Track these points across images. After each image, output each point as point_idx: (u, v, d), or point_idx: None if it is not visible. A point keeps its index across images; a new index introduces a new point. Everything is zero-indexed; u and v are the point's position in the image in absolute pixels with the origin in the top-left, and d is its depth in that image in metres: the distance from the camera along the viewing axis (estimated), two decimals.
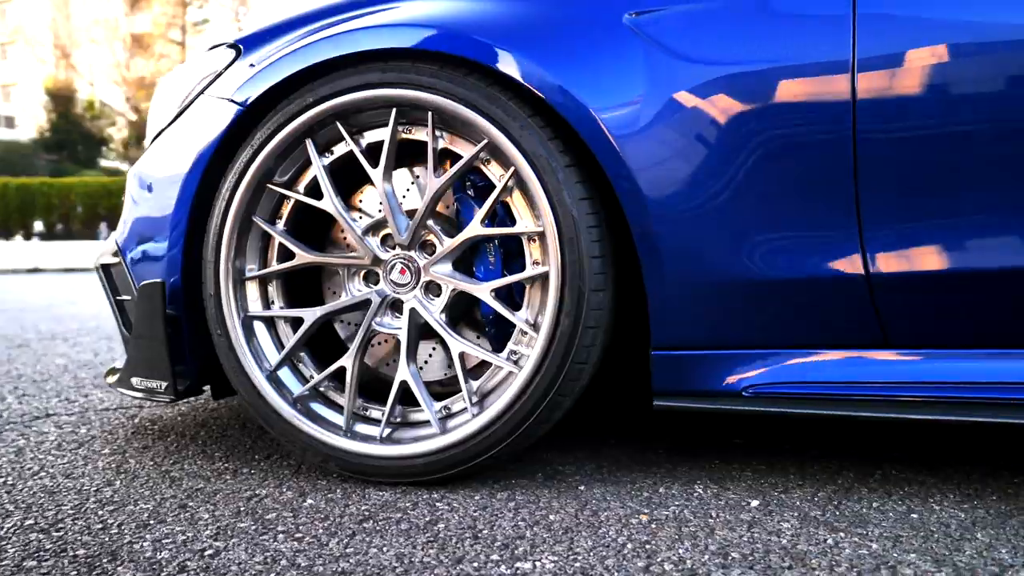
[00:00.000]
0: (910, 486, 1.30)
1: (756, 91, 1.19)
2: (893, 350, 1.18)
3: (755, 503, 1.23)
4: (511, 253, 1.40)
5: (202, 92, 1.51)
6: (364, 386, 1.43)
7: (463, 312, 1.46)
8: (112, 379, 1.61)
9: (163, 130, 1.56)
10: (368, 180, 1.45)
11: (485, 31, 1.28)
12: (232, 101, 1.41)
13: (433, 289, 1.39)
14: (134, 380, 1.54)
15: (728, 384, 1.25)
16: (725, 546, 1.05)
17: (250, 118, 1.41)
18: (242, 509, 1.24)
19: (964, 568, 0.98)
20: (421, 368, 1.48)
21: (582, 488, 1.32)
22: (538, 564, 1.01)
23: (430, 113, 1.31)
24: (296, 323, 1.44)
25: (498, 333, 1.41)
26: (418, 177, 1.47)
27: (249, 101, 1.39)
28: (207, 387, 1.55)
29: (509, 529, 1.13)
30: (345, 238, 1.51)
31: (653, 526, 1.14)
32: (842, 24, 1.15)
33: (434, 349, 1.49)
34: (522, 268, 1.34)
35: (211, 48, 1.60)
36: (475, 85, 1.27)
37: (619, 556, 1.03)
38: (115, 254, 1.61)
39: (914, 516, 1.16)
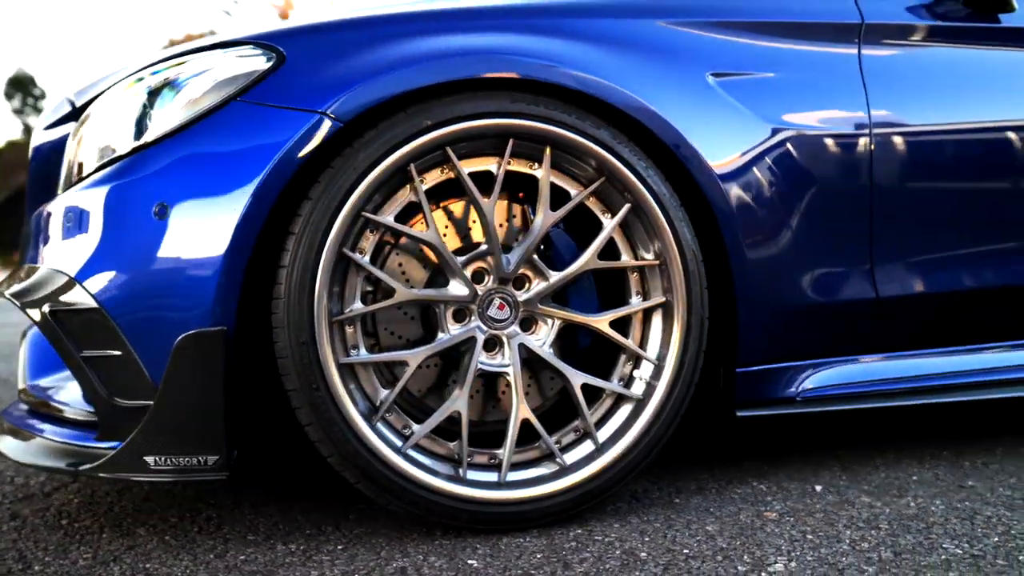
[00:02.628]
0: (932, 460, 1.68)
1: (806, 148, 1.45)
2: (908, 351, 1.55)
3: (819, 488, 1.48)
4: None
5: (234, 98, 1.25)
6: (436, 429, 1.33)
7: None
8: (90, 464, 1.21)
9: (155, 142, 1.25)
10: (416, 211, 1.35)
11: (612, 77, 1.32)
12: (314, 112, 1.21)
13: (526, 324, 1.36)
14: (149, 460, 1.19)
15: (788, 392, 1.48)
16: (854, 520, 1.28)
17: (343, 136, 1.22)
18: None
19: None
20: (494, 406, 1.42)
21: (677, 501, 1.43)
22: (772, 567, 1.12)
23: (548, 147, 1.31)
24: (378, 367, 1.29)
25: (586, 367, 1.42)
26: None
27: (349, 117, 1.21)
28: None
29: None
30: (404, 272, 1.38)
31: (792, 518, 1.31)
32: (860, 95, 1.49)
33: (507, 386, 1.44)
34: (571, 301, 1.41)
35: (218, 47, 1.32)
36: (599, 124, 1.31)
37: (804, 544, 1.18)
38: (72, 295, 1.23)
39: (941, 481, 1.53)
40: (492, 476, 1.30)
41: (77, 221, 1.27)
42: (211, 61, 1.30)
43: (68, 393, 1.44)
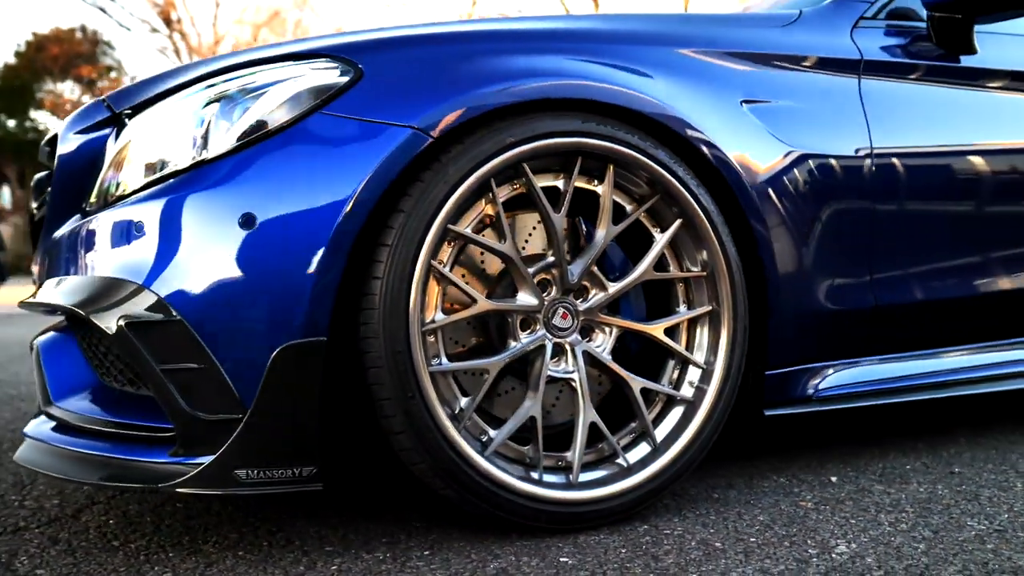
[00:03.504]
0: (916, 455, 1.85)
1: (821, 170, 1.60)
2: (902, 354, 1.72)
3: (835, 479, 1.62)
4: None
5: (317, 109, 1.26)
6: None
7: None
8: (173, 481, 1.17)
9: (234, 151, 1.24)
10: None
11: (672, 106, 1.42)
12: (407, 127, 1.23)
13: (584, 332, 1.43)
14: (240, 473, 1.18)
15: (807, 392, 1.62)
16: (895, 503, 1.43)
17: (430, 150, 1.25)
18: None
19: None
20: (548, 412, 1.48)
21: (716, 496, 1.53)
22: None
23: (611, 165, 1.39)
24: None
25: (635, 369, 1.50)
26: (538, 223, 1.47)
27: (440, 132, 1.24)
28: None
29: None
30: (467, 283, 1.41)
31: (827, 507, 1.44)
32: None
33: (561, 392, 1.50)
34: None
35: (290, 58, 1.33)
36: (657, 145, 1.40)
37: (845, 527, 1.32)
38: (154, 308, 1.20)
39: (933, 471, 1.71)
40: (561, 478, 1.36)
41: (149, 230, 1.23)
42: (286, 72, 1.30)
43: (110, 407, 1.39)
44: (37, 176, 1.96)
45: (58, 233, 1.46)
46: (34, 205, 1.85)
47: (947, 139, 1.78)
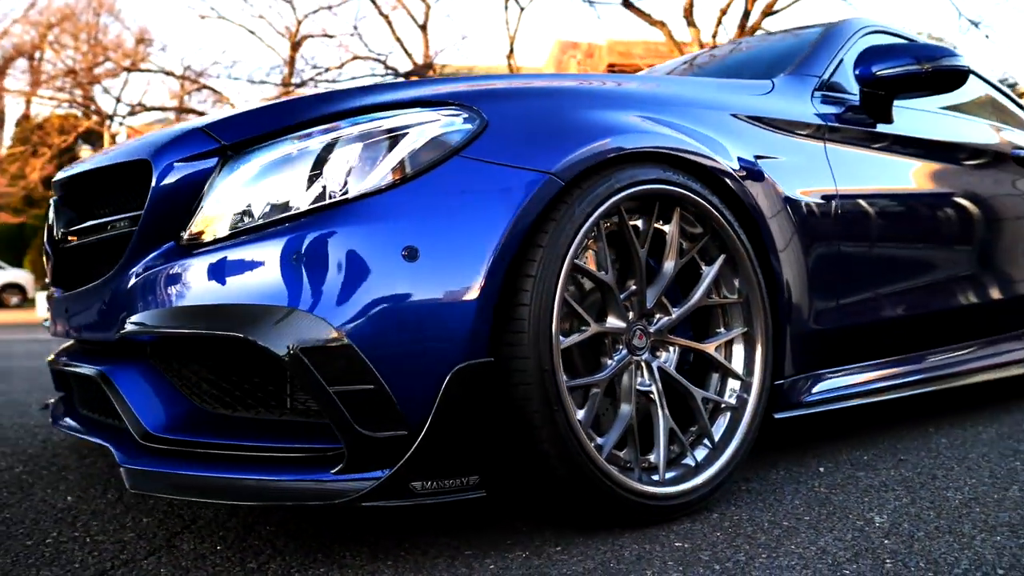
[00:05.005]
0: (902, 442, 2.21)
1: (810, 212, 1.95)
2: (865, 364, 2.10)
3: (849, 466, 1.96)
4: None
5: (455, 153, 1.40)
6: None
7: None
8: (350, 497, 1.24)
9: (387, 188, 1.35)
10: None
11: (720, 159, 1.70)
12: (544, 173, 1.41)
13: (653, 350, 1.66)
14: (416, 485, 1.28)
15: (799, 398, 1.95)
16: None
17: (560, 193, 1.43)
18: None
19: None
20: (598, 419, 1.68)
21: (754, 486, 1.80)
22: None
23: (678, 208, 1.63)
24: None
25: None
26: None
27: (568, 177, 1.42)
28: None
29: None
30: None
31: (839, 492, 1.75)
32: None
33: (612, 403, 1.70)
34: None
35: (418, 104, 1.45)
36: (713, 192, 1.67)
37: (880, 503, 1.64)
38: (323, 334, 1.27)
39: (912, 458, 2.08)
40: (655, 477, 1.56)
41: (311, 260, 1.30)
42: (420, 117, 1.43)
43: (224, 434, 1.41)
44: (54, 200, 1.88)
45: (166, 261, 1.44)
46: (62, 229, 1.77)
47: (880, 190, 2.22)
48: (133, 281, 1.49)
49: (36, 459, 2.24)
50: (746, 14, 16.11)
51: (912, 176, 2.33)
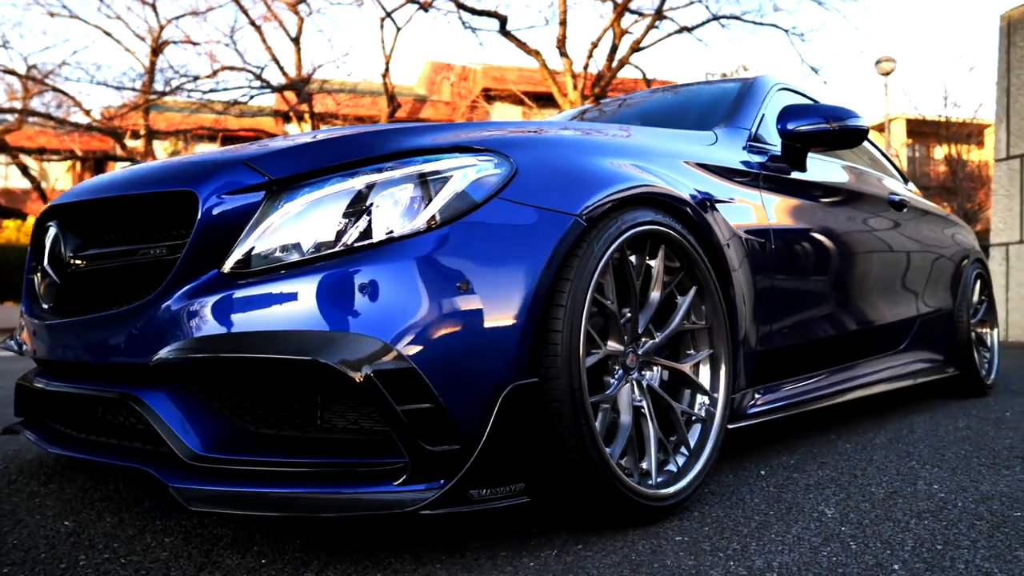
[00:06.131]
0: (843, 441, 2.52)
1: (755, 249, 2.26)
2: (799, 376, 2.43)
3: (823, 461, 2.25)
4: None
5: (495, 195, 1.57)
6: None
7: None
8: (416, 506, 1.37)
9: (440, 225, 1.50)
10: None
11: (687, 206, 1.96)
12: (571, 215, 1.60)
13: (640, 369, 1.88)
14: (473, 493, 1.43)
15: (751, 410, 2.24)
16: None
17: (583, 232, 1.63)
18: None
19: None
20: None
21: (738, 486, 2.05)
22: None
23: (663, 245, 1.88)
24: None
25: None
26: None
27: (590, 218, 1.63)
28: None
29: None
30: None
31: (817, 482, 2.04)
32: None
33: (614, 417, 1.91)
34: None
35: (456, 151, 1.61)
36: (689, 231, 1.93)
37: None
38: (389, 357, 1.40)
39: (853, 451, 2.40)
40: (649, 481, 1.78)
41: (379, 289, 1.43)
42: (460, 161, 1.59)
43: (275, 452, 1.49)
44: (52, 224, 1.86)
45: (212, 290, 1.50)
46: (70, 254, 1.77)
47: (803, 228, 2.58)
48: (177, 307, 1.54)
49: None
50: (614, 48, 17.05)
51: (824, 216, 2.71)
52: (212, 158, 1.68)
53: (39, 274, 1.91)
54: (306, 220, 1.52)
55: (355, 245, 1.49)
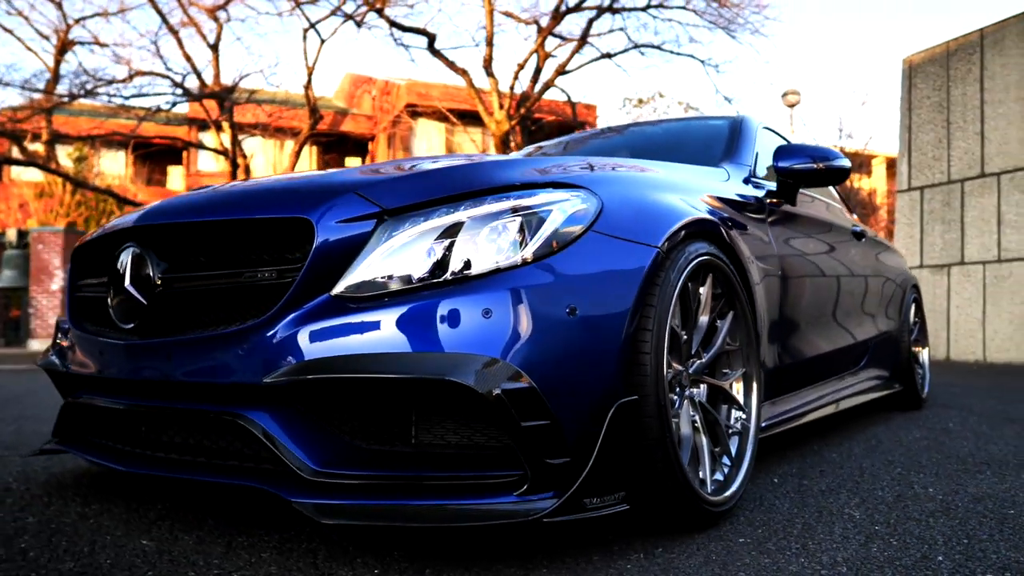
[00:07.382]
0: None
1: (768, 274, 2.49)
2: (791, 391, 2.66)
3: (821, 469, 2.46)
4: None
5: (589, 229, 1.71)
6: None
7: None
8: (539, 515, 1.49)
9: (547, 255, 1.63)
10: None
11: (727, 238, 2.16)
12: (653, 247, 1.77)
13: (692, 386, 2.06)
14: (587, 501, 1.56)
15: (762, 423, 2.45)
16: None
17: (662, 262, 1.79)
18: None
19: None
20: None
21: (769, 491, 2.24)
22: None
23: (711, 273, 2.06)
24: None
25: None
26: None
27: (667, 248, 1.79)
28: None
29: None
30: None
31: (833, 489, 2.26)
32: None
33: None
34: None
35: (550, 186, 1.74)
36: (730, 262, 2.13)
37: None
38: (514, 378, 1.52)
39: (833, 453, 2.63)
40: (705, 488, 1.95)
41: (498, 315, 1.54)
42: (557, 196, 1.72)
43: (387, 467, 1.58)
44: (129, 244, 1.88)
45: (328, 313, 1.57)
46: (159, 276, 1.80)
47: (800, 256, 2.83)
48: (290, 329, 1.60)
49: (35, 505, 2.11)
50: (538, 70, 17.45)
51: (814, 246, 2.99)
52: (322, 184, 1.75)
53: (113, 294, 1.92)
54: (414, 249, 1.62)
55: (468, 274, 1.60)
